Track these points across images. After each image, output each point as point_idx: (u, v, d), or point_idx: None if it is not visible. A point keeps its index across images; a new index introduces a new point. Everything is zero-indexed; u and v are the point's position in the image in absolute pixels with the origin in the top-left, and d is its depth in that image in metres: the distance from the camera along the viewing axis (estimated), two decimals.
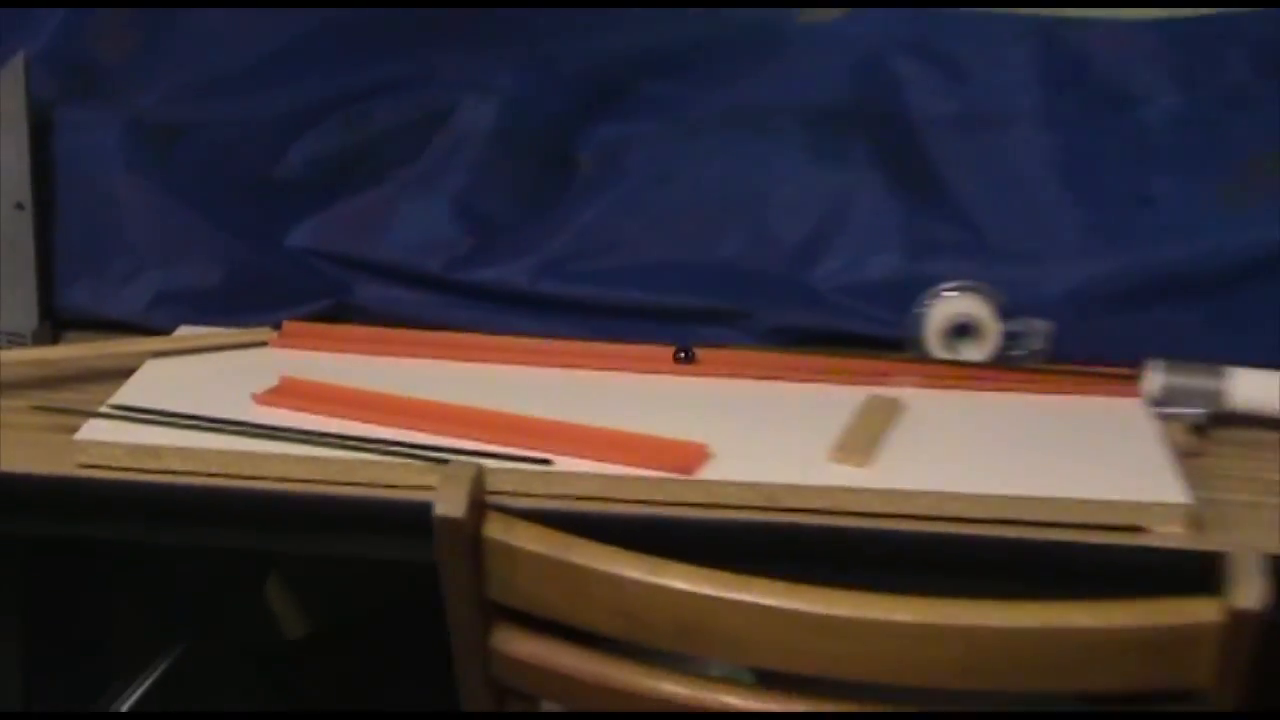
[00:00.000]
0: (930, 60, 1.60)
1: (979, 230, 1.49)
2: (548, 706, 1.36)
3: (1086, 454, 1.29)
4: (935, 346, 1.44)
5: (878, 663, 1.13)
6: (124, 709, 1.73)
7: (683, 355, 1.43)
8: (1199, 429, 1.36)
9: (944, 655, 1.12)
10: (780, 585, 1.12)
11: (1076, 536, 1.21)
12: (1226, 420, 1.37)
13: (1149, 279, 1.45)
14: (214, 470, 1.24)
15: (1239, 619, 1.08)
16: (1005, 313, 1.43)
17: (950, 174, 1.53)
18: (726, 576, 1.11)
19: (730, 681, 1.24)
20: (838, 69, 1.62)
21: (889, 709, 1.17)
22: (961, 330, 1.43)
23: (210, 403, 1.31)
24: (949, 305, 1.43)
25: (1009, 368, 1.42)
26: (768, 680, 1.21)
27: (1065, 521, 1.22)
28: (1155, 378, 1.37)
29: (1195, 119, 1.52)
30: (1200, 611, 1.10)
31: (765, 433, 1.31)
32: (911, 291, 1.44)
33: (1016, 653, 1.12)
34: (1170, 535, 1.20)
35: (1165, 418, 1.35)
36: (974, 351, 1.43)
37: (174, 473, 1.25)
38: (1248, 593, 1.08)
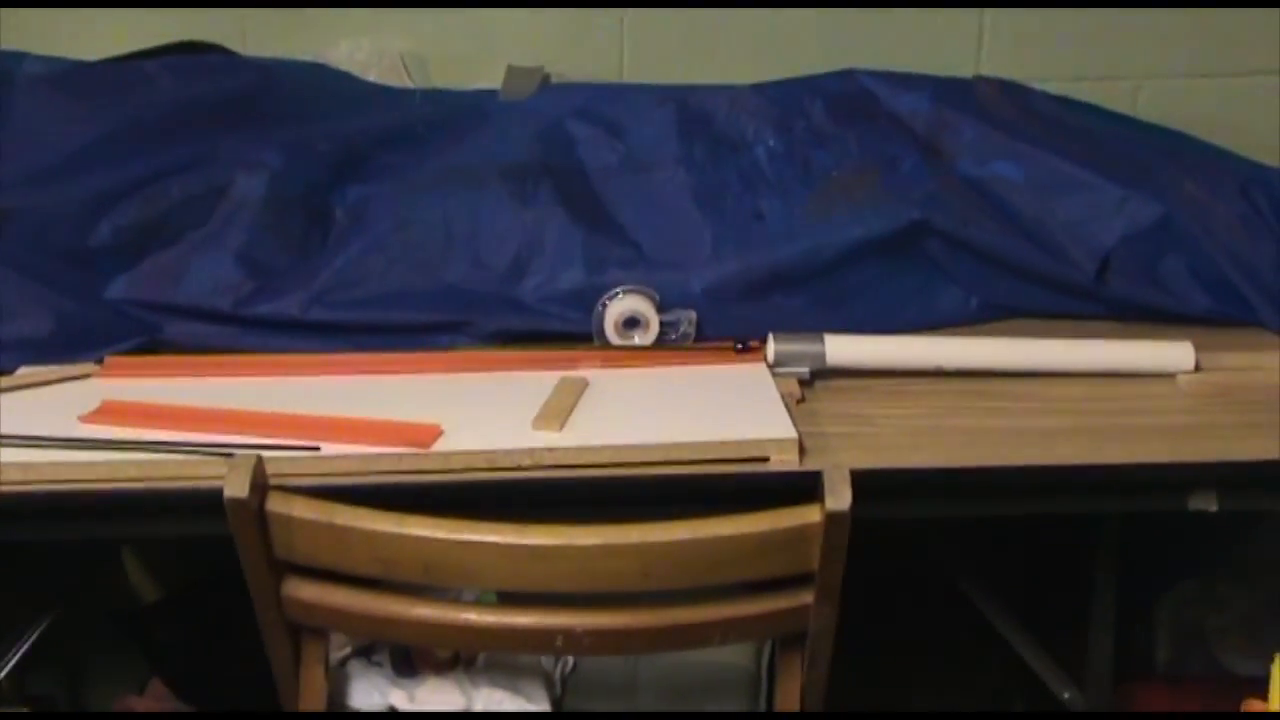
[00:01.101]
0: (596, 124, 1.60)
1: (639, 247, 1.50)
2: (335, 637, 1.34)
3: (724, 407, 1.31)
4: (612, 336, 1.45)
5: (580, 576, 1.13)
6: (5, 671, 1.65)
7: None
8: (805, 382, 1.39)
9: (626, 566, 1.14)
10: (500, 525, 1.12)
11: (718, 469, 1.22)
12: (827, 374, 1.41)
13: (765, 275, 1.48)
14: (48, 479, 1.19)
15: (833, 518, 1.12)
16: (662, 307, 1.45)
17: (615, 208, 1.54)
18: (456, 523, 1.11)
19: (476, 603, 1.24)
20: (528, 134, 1.61)
21: (602, 611, 1.17)
22: (631, 323, 1.45)
23: (46, 425, 1.24)
24: (620, 304, 1.44)
25: (667, 348, 1.44)
26: (507, 599, 1.21)
27: (710, 458, 1.22)
28: (772, 347, 1.39)
29: (789, 155, 1.55)
30: (807, 515, 1.14)
31: (485, 411, 1.30)
32: (592, 297, 1.45)
33: (679, 558, 1.14)
34: (785, 461, 1.22)
35: (781, 376, 1.38)
36: (641, 338, 1.44)
37: (16, 483, 1.18)
38: (838, 499, 1.12)
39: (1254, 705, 1.42)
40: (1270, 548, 1.71)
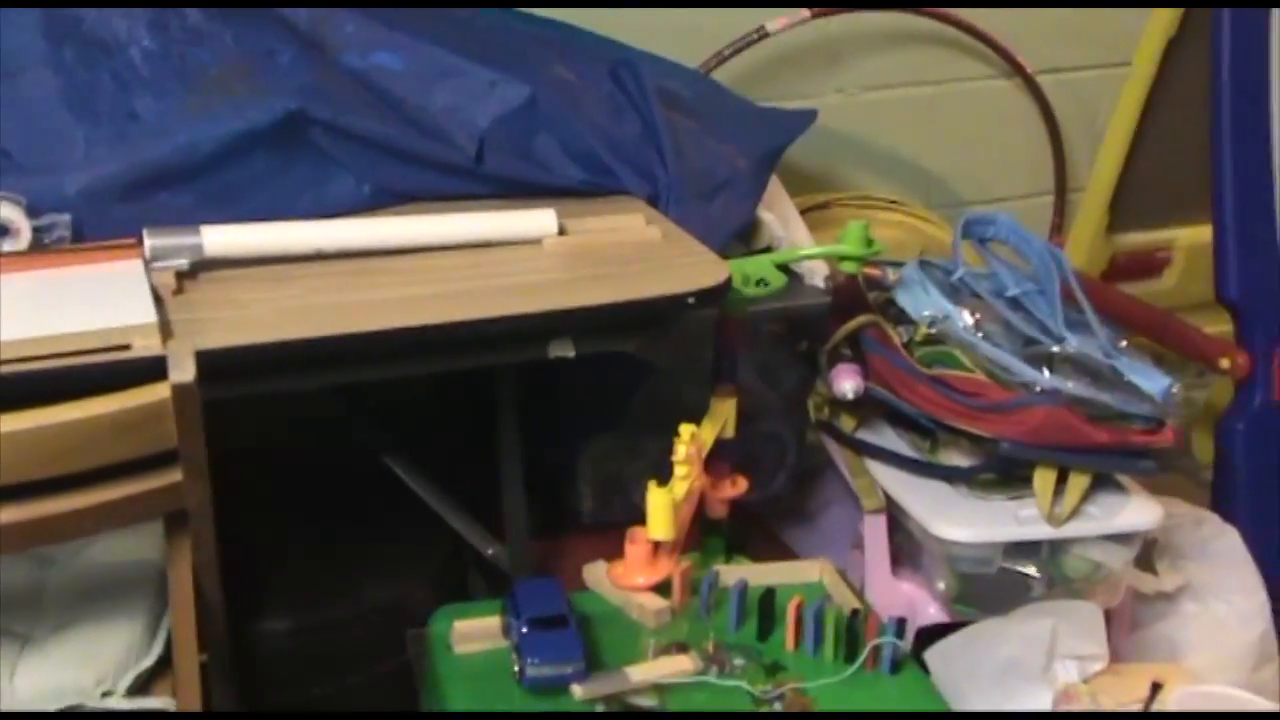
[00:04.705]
0: None
1: (8, 154, 1.47)
2: None
3: (92, 304, 1.32)
4: None
5: None
6: None
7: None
8: (187, 275, 1.42)
9: None
10: None
11: (89, 360, 1.23)
12: (212, 266, 1.44)
13: (144, 174, 1.49)
14: None
15: (179, 391, 1.18)
16: (33, 213, 1.44)
17: None
18: None
19: None
20: None
21: None
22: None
23: None
24: None
25: (42, 253, 1.43)
26: None
27: (81, 349, 1.23)
28: (147, 242, 1.42)
29: (165, 54, 1.55)
30: (156, 392, 1.18)
31: None
32: None
33: (29, 448, 1.15)
34: (148, 347, 1.24)
35: (159, 270, 1.41)
36: (11, 245, 1.42)
37: None
38: (182, 372, 1.18)
39: (638, 532, 1.60)
40: (671, 390, 1.89)
